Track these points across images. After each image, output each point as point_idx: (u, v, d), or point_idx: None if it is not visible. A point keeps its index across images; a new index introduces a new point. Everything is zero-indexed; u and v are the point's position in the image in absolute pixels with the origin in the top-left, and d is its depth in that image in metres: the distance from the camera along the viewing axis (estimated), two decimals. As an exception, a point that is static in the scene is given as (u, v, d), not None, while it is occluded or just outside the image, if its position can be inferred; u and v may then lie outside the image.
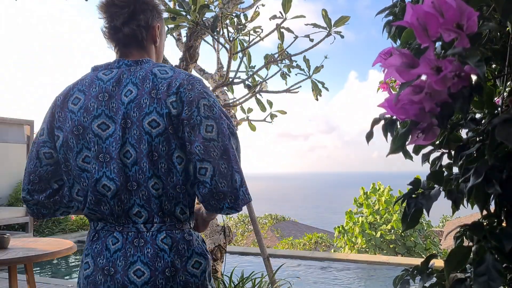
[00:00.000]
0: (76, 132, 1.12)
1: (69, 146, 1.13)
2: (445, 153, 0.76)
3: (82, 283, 1.14)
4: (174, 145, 1.08)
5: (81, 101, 1.14)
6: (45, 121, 1.20)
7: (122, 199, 1.10)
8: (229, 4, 3.05)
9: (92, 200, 1.12)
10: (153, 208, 1.10)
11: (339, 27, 3.00)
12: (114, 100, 1.11)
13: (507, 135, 0.52)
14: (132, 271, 1.07)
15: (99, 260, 1.11)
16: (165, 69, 1.14)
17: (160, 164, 1.08)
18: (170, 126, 1.07)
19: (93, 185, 1.11)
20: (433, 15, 0.53)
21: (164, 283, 1.07)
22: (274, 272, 3.74)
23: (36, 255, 2.54)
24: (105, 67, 1.18)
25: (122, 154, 1.08)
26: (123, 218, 1.11)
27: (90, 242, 1.15)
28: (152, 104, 1.07)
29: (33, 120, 6.98)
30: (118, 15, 1.17)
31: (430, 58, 0.53)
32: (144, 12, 1.20)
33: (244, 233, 19.40)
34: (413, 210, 0.69)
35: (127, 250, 1.09)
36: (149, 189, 1.08)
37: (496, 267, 0.55)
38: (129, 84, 1.11)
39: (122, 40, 1.19)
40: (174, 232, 1.11)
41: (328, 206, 56.35)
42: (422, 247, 12.02)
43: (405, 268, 0.85)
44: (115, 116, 1.10)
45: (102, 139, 1.10)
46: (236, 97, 3.71)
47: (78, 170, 1.13)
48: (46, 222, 7.54)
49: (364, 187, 13.82)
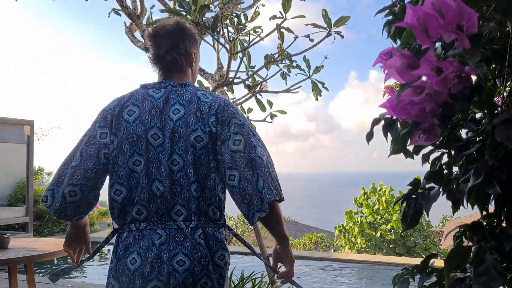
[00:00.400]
0: (131, 139, 1.34)
1: (122, 150, 1.34)
2: (445, 153, 0.76)
3: (127, 277, 1.30)
4: (212, 156, 1.33)
5: (136, 113, 1.36)
6: (106, 125, 1.38)
7: (167, 199, 1.31)
8: (229, 4, 3.05)
9: (145, 198, 1.32)
10: (192, 207, 1.31)
11: (339, 27, 3.00)
12: (163, 115, 1.34)
13: (507, 135, 0.52)
14: (175, 261, 1.28)
15: (148, 254, 1.29)
16: (206, 93, 1.39)
17: (201, 171, 1.32)
18: (210, 141, 1.32)
19: (149, 185, 1.32)
20: (433, 16, 0.53)
21: (200, 270, 1.29)
22: (274, 272, 3.74)
23: (36, 255, 2.54)
24: (153, 86, 1.41)
25: (170, 162, 1.31)
26: (166, 216, 1.32)
27: (134, 239, 1.33)
28: (197, 123, 1.32)
29: (33, 120, 6.96)
30: (162, 45, 1.41)
31: (430, 59, 0.53)
32: (183, 42, 1.43)
33: (244, 233, 19.39)
34: (412, 210, 0.69)
35: (170, 244, 1.29)
36: (191, 191, 1.31)
37: (496, 267, 0.55)
38: (177, 103, 1.35)
39: (165, 66, 1.42)
40: (207, 229, 1.34)
41: (328, 206, 56.30)
42: (422, 247, 12.01)
43: (405, 267, 0.85)
44: (164, 129, 1.33)
45: (154, 147, 1.33)
46: (236, 97, 3.70)
47: (128, 171, 1.33)
48: (46, 222, 7.55)
49: (365, 187, 13.82)
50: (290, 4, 2.95)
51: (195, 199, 1.31)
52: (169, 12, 2.71)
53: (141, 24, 3.56)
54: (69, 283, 4.64)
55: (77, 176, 1.35)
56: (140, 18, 3.61)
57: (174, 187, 1.31)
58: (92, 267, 6.34)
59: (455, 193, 0.67)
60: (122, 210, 1.36)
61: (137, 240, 1.32)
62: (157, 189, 1.31)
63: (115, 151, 1.35)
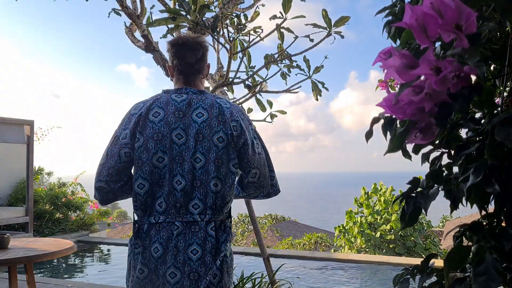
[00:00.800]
0: (156, 138, 1.49)
1: (147, 148, 1.49)
2: (444, 153, 0.76)
3: (153, 264, 1.47)
4: (233, 155, 1.52)
5: (161, 115, 1.51)
6: (128, 127, 1.53)
7: (188, 192, 1.48)
8: (229, 4, 3.05)
9: (166, 191, 1.48)
10: (208, 202, 1.48)
11: (339, 27, 3.00)
12: (186, 117, 1.51)
13: (507, 135, 0.52)
14: (190, 250, 1.45)
15: (169, 244, 1.46)
16: (224, 100, 1.59)
17: (222, 169, 1.50)
18: (231, 142, 1.51)
19: (170, 179, 1.48)
20: (432, 16, 0.53)
21: (211, 259, 1.46)
22: (274, 272, 3.74)
23: (36, 255, 2.54)
24: (175, 91, 1.57)
25: (193, 159, 1.48)
26: (183, 209, 1.48)
27: (156, 231, 1.48)
28: (219, 126, 1.51)
29: (33, 120, 6.96)
30: (191, 55, 1.58)
31: (429, 58, 0.53)
32: (206, 54, 1.64)
33: (244, 233, 19.38)
34: (411, 209, 0.69)
35: (186, 235, 1.46)
36: (210, 186, 1.48)
37: (496, 267, 0.55)
38: (200, 108, 1.53)
39: (191, 73, 1.60)
40: (217, 223, 1.50)
41: (328, 206, 56.27)
42: (422, 247, 12.01)
43: (405, 267, 0.85)
44: (188, 130, 1.50)
45: (178, 145, 1.49)
46: (236, 97, 3.70)
47: (151, 167, 1.49)
48: (46, 222, 7.54)
49: (365, 187, 13.81)
50: (290, 4, 2.95)
51: (213, 193, 1.48)
52: (169, 12, 2.71)
53: (141, 24, 3.56)
54: (69, 283, 4.64)
55: (103, 173, 1.54)
56: (140, 18, 3.61)
57: (195, 182, 1.48)
58: (93, 267, 6.35)
59: (454, 192, 0.67)
60: (144, 202, 1.50)
61: (158, 231, 1.48)
62: (178, 184, 1.48)
63: (140, 148, 1.50)
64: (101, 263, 6.71)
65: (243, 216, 20.15)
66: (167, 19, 2.71)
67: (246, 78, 3.47)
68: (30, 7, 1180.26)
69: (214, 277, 1.46)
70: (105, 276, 5.69)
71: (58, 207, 7.92)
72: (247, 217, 19.33)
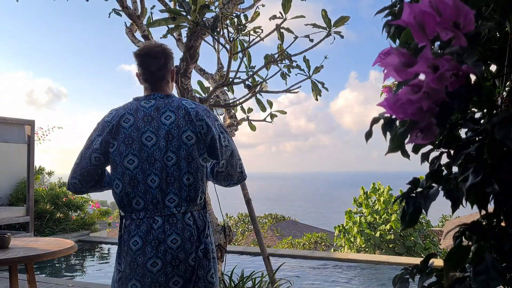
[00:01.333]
0: (127, 142, 1.62)
1: (119, 151, 1.62)
2: (444, 153, 0.76)
3: (130, 257, 1.58)
4: (202, 151, 1.65)
5: (131, 121, 1.64)
6: (101, 134, 1.66)
7: (162, 189, 1.59)
8: (229, 5, 3.05)
9: (142, 190, 1.60)
10: (183, 195, 1.61)
11: (339, 27, 3.00)
12: (155, 121, 1.63)
13: (507, 133, 0.52)
14: (170, 240, 1.56)
15: (148, 236, 1.57)
16: (189, 102, 1.72)
17: (193, 164, 1.62)
18: (199, 139, 1.63)
19: (144, 179, 1.59)
20: (430, 14, 0.53)
21: (190, 246, 1.59)
22: (274, 272, 3.75)
23: (36, 255, 2.54)
24: (144, 98, 1.71)
25: (165, 158, 1.60)
26: (160, 204, 1.59)
27: (136, 226, 1.59)
28: (187, 125, 1.63)
29: (33, 120, 6.97)
30: (153, 64, 1.70)
31: (427, 56, 0.53)
32: (169, 61, 1.75)
33: (244, 232, 19.38)
34: (412, 209, 0.69)
35: (165, 227, 1.57)
36: (183, 181, 1.60)
37: (495, 267, 0.55)
38: (167, 111, 1.65)
39: (155, 80, 1.73)
40: (194, 213, 1.64)
41: (328, 206, 56.30)
42: (421, 247, 12.01)
43: (405, 267, 0.85)
44: (158, 132, 1.62)
45: (148, 147, 1.61)
46: (236, 97, 3.71)
47: (123, 168, 1.61)
48: (47, 221, 7.55)
49: (364, 187, 13.81)
50: (290, 4, 2.95)
51: (186, 187, 1.61)
52: (169, 12, 2.71)
53: (142, 24, 3.56)
54: (70, 283, 4.64)
55: (77, 172, 1.69)
56: (141, 19, 3.62)
57: (168, 178, 1.60)
58: (93, 267, 6.35)
59: (454, 192, 0.67)
60: (121, 201, 1.63)
61: (138, 226, 1.59)
62: (153, 182, 1.59)
63: (114, 152, 1.63)
64: (102, 262, 6.71)
65: (243, 216, 20.15)
66: (167, 19, 2.71)
67: (246, 78, 3.47)
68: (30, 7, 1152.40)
69: (193, 260, 1.58)
70: (105, 276, 5.69)
71: (59, 207, 7.93)
72: (247, 216, 19.33)
